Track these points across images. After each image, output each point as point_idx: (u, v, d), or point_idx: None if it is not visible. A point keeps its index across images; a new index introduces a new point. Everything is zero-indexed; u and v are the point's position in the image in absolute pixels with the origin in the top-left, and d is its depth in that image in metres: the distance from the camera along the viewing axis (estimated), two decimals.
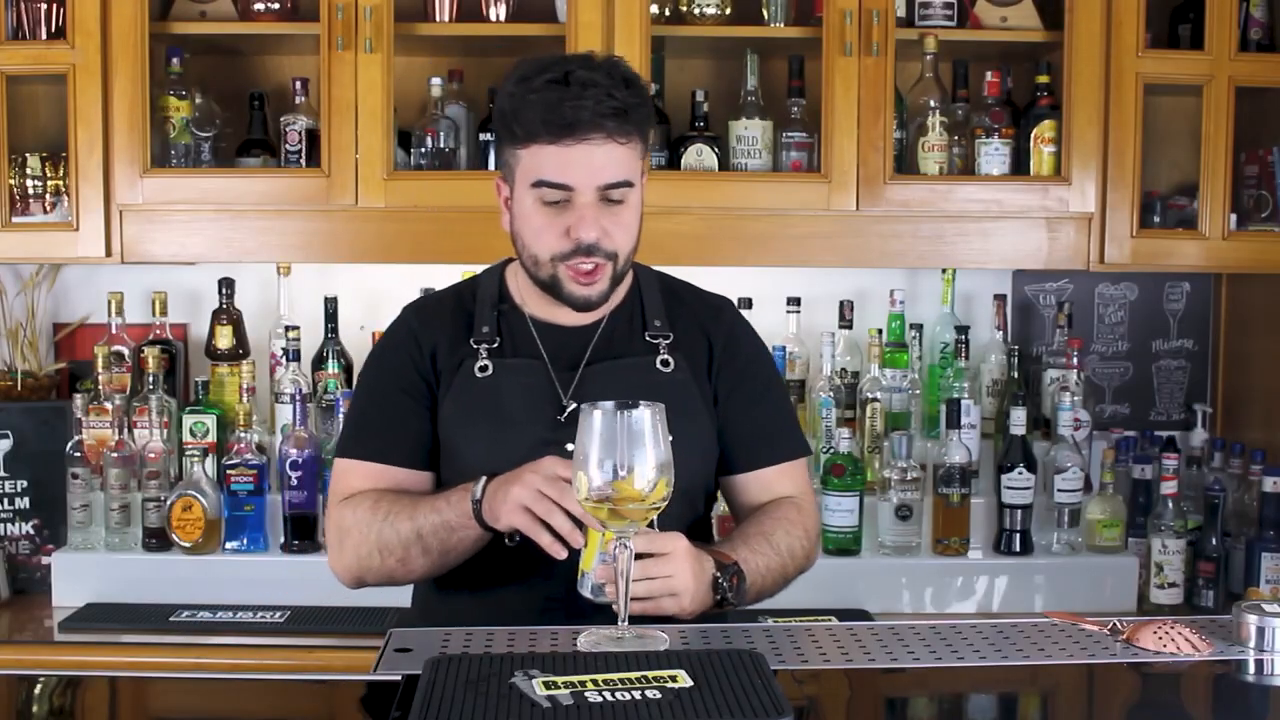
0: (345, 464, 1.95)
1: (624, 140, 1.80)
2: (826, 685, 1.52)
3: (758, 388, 1.98)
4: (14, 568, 2.89)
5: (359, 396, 2.00)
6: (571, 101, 1.75)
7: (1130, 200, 2.83)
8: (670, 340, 1.94)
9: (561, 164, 1.78)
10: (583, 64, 1.79)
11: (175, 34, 2.87)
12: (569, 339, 1.92)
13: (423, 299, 2.10)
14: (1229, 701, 1.56)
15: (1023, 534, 2.88)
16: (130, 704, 1.59)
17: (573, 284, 1.84)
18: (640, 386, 1.85)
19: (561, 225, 1.81)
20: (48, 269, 3.06)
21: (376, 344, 2.04)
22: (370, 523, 1.84)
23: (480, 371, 1.90)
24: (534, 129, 1.78)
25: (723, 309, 2.02)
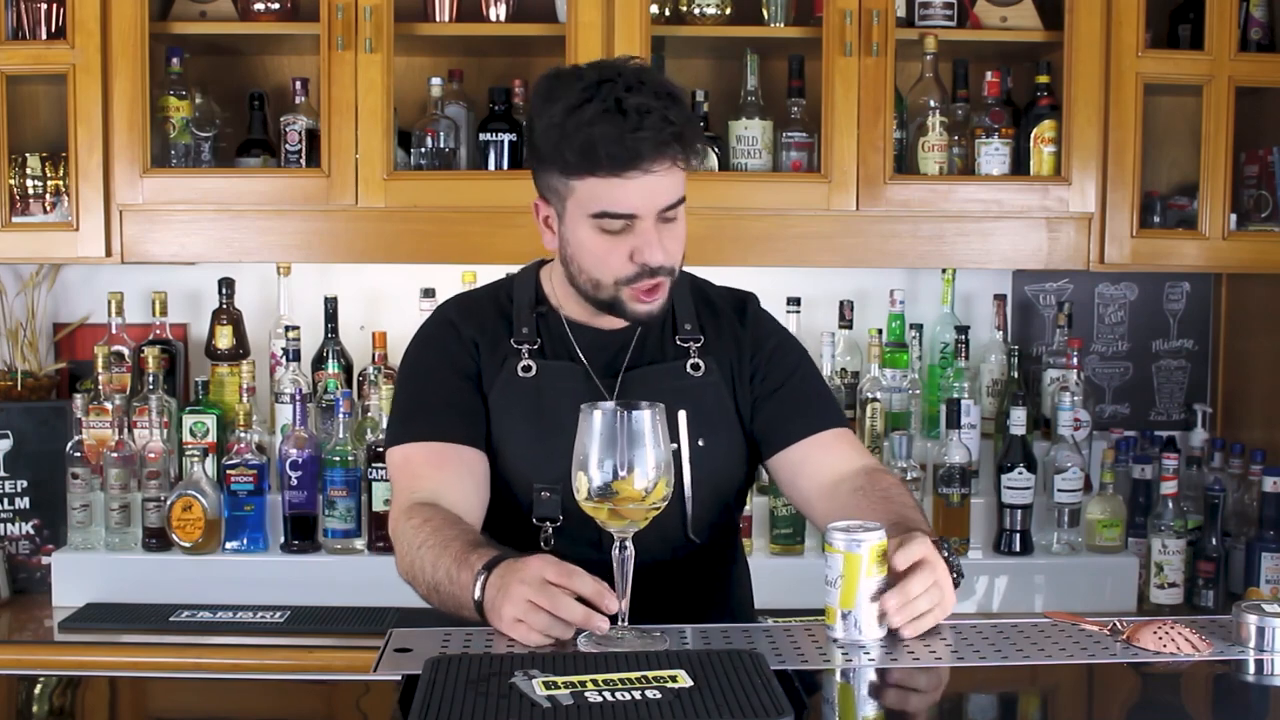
0: (402, 450, 1.90)
1: (684, 164, 1.78)
2: (826, 685, 1.52)
3: (787, 368, 1.97)
4: (14, 568, 2.89)
5: (406, 383, 1.96)
6: (632, 134, 1.72)
7: (1130, 200, 2.83)
8: (701, 343, 1.94)
9: (623, 194, 1.76)
10: (627, 85, 1.74)
11: (175, 34, 2.87)
12: (606, 343, 1.92)
13: (459, 296, 2.07)
14: (1229, 701, 1.56)
15: (1023, 534, 2.88)
16: (130, 704, 1.59)
17: (635, 303, 1.83)
18: (675, 391, 1.87)
19: (624, 250, 1.79)
20: (48, 269, 3.06)
21: (415, 339, 1.99)
22: (410, 546, 1.78)
23: (524, 371, 1.89)
24: (593, 162, 1.74)
25: (747, 305, 2.02)
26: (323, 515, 2.85)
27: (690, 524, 1.90)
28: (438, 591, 1.72)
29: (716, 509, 1.94)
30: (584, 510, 1.58)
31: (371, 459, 2.83)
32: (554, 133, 1.76)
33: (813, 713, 1.41)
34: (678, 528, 1.89)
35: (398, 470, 1.91)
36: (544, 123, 1.78)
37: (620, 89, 1.73)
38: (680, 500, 1.88)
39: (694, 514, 1.90)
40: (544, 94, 1.79)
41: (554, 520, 1.86)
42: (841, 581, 1.59)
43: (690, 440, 1.88)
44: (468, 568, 1.65)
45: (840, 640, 1.60)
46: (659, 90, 1.76)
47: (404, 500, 1.85)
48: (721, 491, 1.94)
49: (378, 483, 2.82)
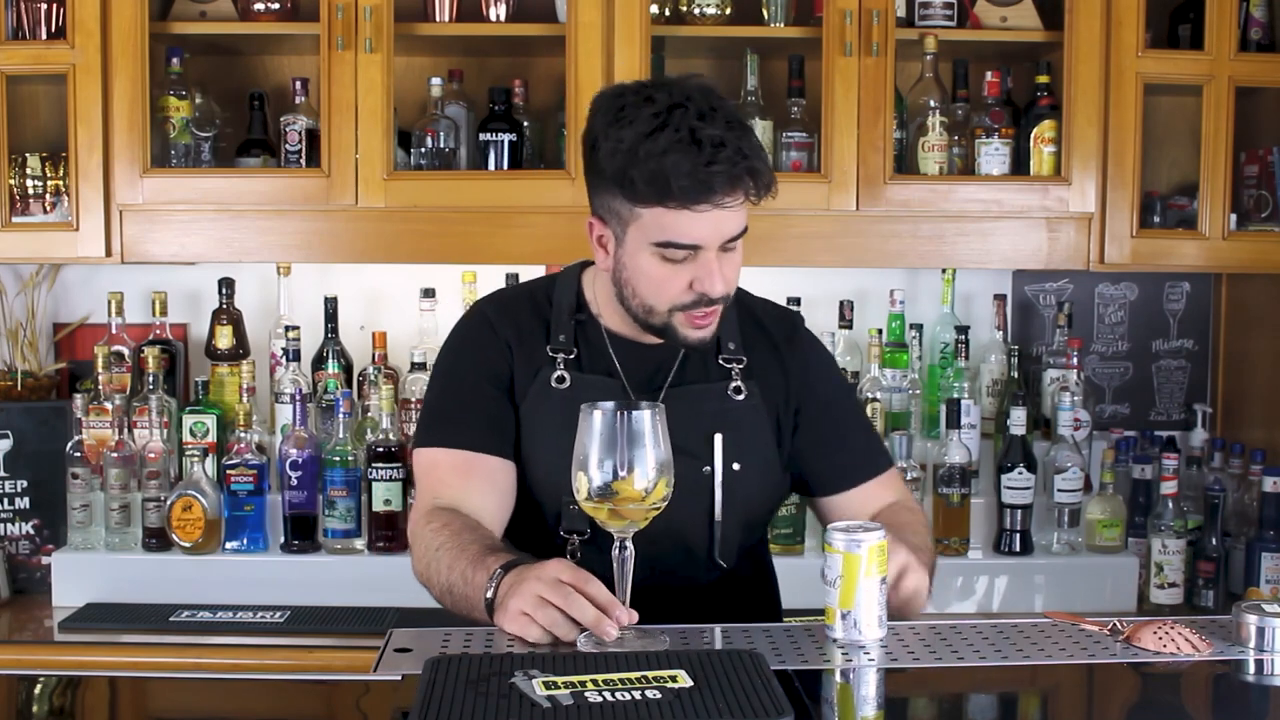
0: (430, 454, 1.89)
1: (756, 197, 1.74)
2: (826, 685, 1.52)
3: (836, 410, 1.95)
4: (14, 568, 2.89)
5: (439, 384, 1.94)
6: (706, 167, 1.68)
7: (1130, 200, 2.83)
8: (744, 365, 1.90)
9: (691, 226, 1.72)
10: (699, 113, 1.70)
11: (175, 34, 2.87)
12: (646, 358, 1.88)
13: (497, 294, 2.04)
14: (1229, 701, 1.56)
15: (1023, 534, 2.88)
16: (130, 704, 1.59)
17: (688, 329, 1.80)
18: (714, 414, 1.85)
19: (684, 279, 1.76)
20: (48, 269, 3.06)
21: (451, 334, 1.97)
22: (428, 549, 1.77)
23: (557, 383, 1.86)
24: (664, 193, 1.70)
25: (795, 329, 1.98)
26: (323, 515, 2.85)
27: (718, 548, 1.88)
28: (451, 593, 1.71)
29: (745, 532, 1.91)
30: (584, 510, 1.58)
31: (371, 459, 2.83)
32: (621, 158, 1.71)
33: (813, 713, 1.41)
34: (704, 551, 1.88)
35: (423, 473, 1.90)
36: (610, 145, 1.73)
37: (693, 117, 1.69)
38: (709, 524, 1.87)
39: (722, 538, 1.87)
40: (610, 116, 1.74)
41: (581, 533, 1.84)
42: (841, 581, 1.59)
43: (725, 464, 1.86)
44: (484, 569, 1.65)
45: (840, 640, 1.60)
46: (731, 119, 1.71)
47: (426, 504, 1.85)
48: (752, 516, 1.92)
49: (378, 483, 2.82)
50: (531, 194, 2.80)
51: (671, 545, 1.86)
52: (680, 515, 1.84)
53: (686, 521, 1.85)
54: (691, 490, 1.84)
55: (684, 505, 1.83)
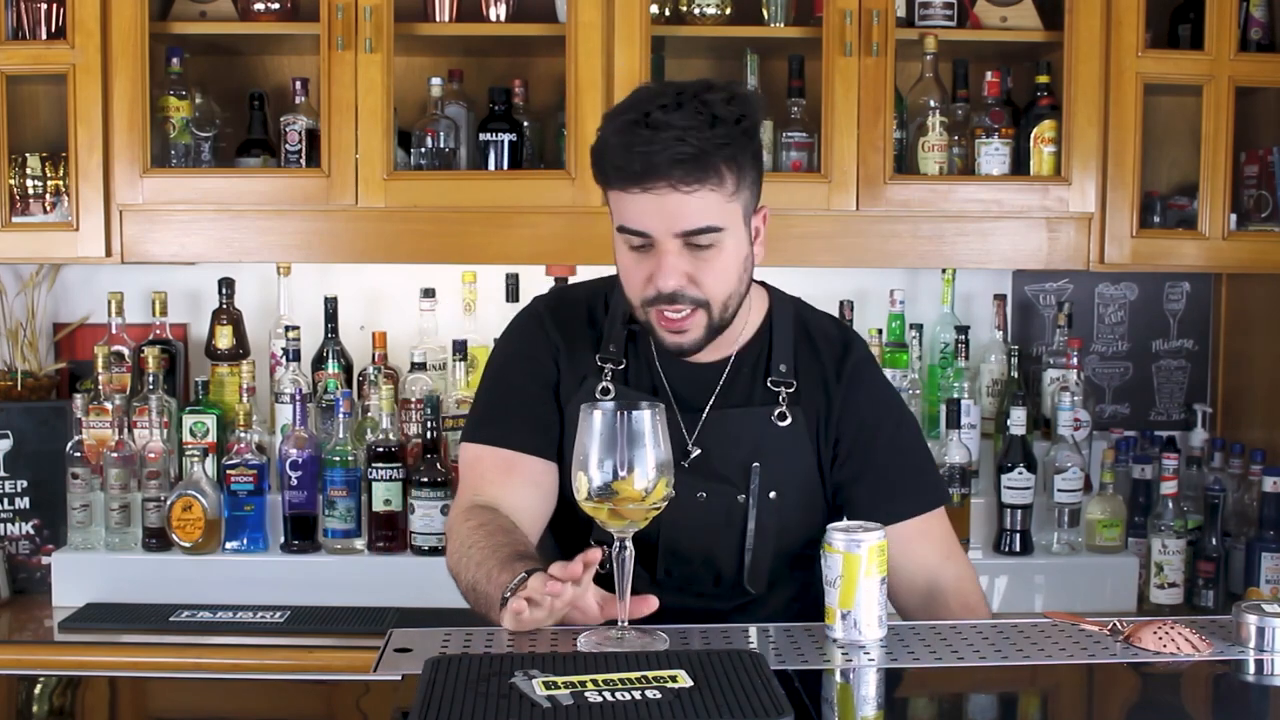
0: (474, 450, 1.89)
1: (690, 189, 1.68)
2: (826, 685, 1.52)
3: (879, 439, 1.88)
4: (14, 568, 2.89)
5: (489, 381, 1.94)
6: (641, 147, 1.66)
7: (1130, 200, 2.83)
8: (793, 389, 1.86)
9: (636, 211, 1.71)
10: (673, 103, 1.68)
11: (175, 34, 2.87)
12: (694, 375, 1.86)
13: (555, 294, 2.02)
14: (1229, 701, 1.56)
15: (1023, 534, 2.88)
16: (130, 704, 1.59)
17: (662, 331, 1.78)
18: (756, 439, 1.83)
19: (646, 270, 1.74)
20: (48, 269, 3.06)
21: (506, 330, 1.97)
22: (461, 545, 1.76)
23: (602, 394, 1.84)
24: (608, 173, 1.72)
25: (849, 352, 1.91)
26: (323, 515, 2.85)
27: (747, 575, 1.86)
28: (475, 590, 1.71)
29: (779, 561, 1.88)
30: (585, 510, 1.58)
31: (371, 459, 2.83)
32: (596, 139, 1.74)
33: (813, 713, 1.41)
34: (732, 577, 1.87)
35: (467, 468, 1.90)
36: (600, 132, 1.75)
37: (657, 105, 1.68)
38: (739, 551, 1.85)
39: (751, 565, 1.85)
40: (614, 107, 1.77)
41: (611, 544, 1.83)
42: (841, 582, 1.59)
43: (761, 492, 1.83)
44: (510, 571, 1.65)
45: (840, 640, 1.60)
46: (702, 110, 1.67)
47: (466, 500, 1.85)
48: (786, 545, 1.88)
49: (378, 483, 2.82)
50: (531, 194, 2.80)
51: (703, 568, 1.86)
52: (713, 540, 1.84)
53: (719, 547, 1.85)
54: (726, 517, 1.84)
55: (717, 531, 1.84)
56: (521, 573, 1.63)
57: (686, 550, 1.85)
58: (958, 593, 1.87)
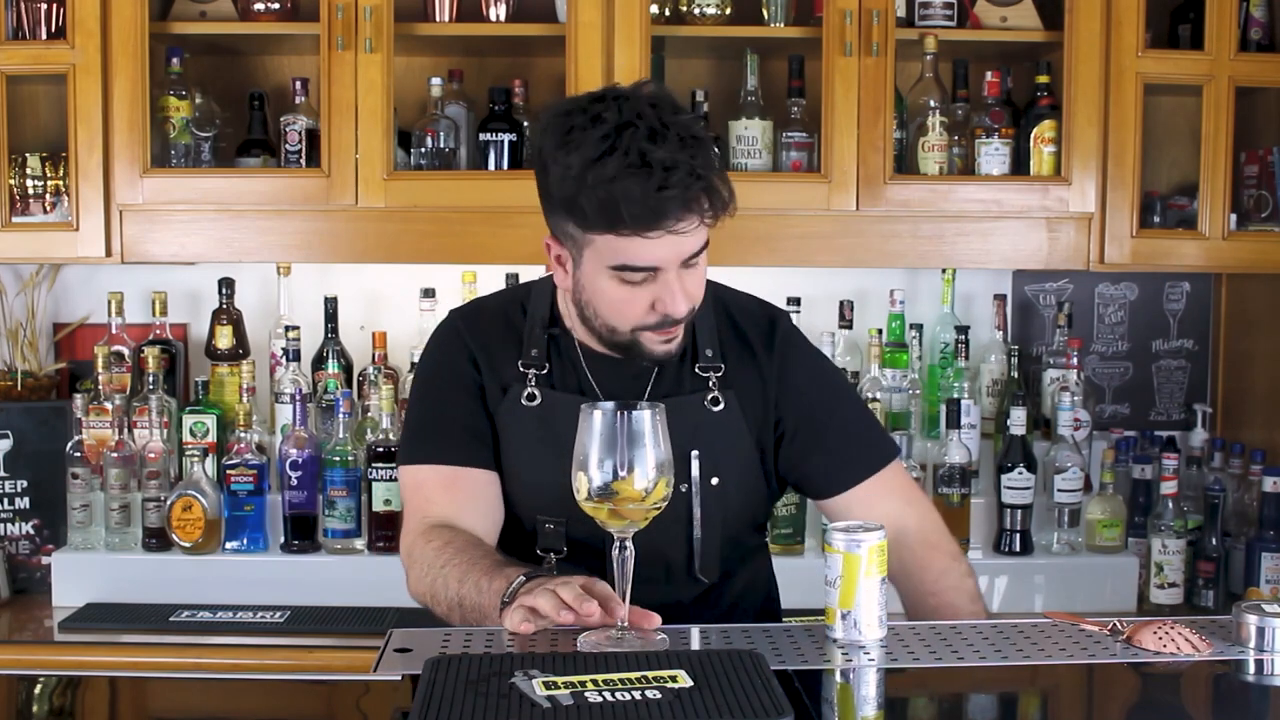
0: (415, 471, 1.87)
1: (713, 218, 1.68)
2: (826, 685, 1.52)
3: (822, 409, 1.88)
4: (14, 568, 2.89)
5: (417, 400, 1.92)
6: (657, 193, 1.61)
7: (1130, 200, 2.83)
8: (721, 373, 1.85)
9: (647, 250, 1.66)
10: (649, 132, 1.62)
11: (175, 34, 2.87)
12: (620, 373, 1.84)
13: (469, 306, 2.01)
14: (1229, 701, 1.56)
15: (1023, 534, 2.88)
16: (130, 704, 1.59)
17: (654, 345, 1.75)
18: (691, 428, 1.81)
19: (645, 299, 1.71)
20: (48, 269, 3.06)
21: (425, 348, 1.96)
22: (431, 566, 1.75)
23: (528, 400, 1.83)
24: (614, 221, 1.64)
25: (774, 330, 1.90)
26: (323, 515, 2.85)
27: (698, 563, 1.85)
28: (461, 606, 1.70)
29: (728, 547, 1.88)
30: (584, 510, 1.58)
31: (371, 459, 2.83)
32: (570, 184, 1.65)
33: (813, 713, 1.41)
34: (683, 568, 1.86)
35: (410, 491, 1.89)
36: (559, 170, 1.66)
37: (642, 137, 1.62)
38: (688, 541, 1.85)
39: (702, 554, 1.85)
40: (558, 137, 1.67)
41: (558, 552, 1.83)
42: (841, 582, 1.59)
43: (703, 480, 1.83)
44: (502, 578, 1.64)
45: (840, 640, 1.60)
46: (684, 135, 1.64)
47: (417, 523, 1.84)
48: (733, 530, 1.88)
49: (378, 483, 2.83)
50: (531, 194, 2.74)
51: (652, 562, 1.84)
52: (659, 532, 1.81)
53: (665, 538, 1.83)
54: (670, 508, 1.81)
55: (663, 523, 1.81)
56: (518, 576, 1.63)
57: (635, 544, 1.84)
58: (919, 531, 1.88)
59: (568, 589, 1.54)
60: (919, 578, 1.86)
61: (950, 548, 1.90)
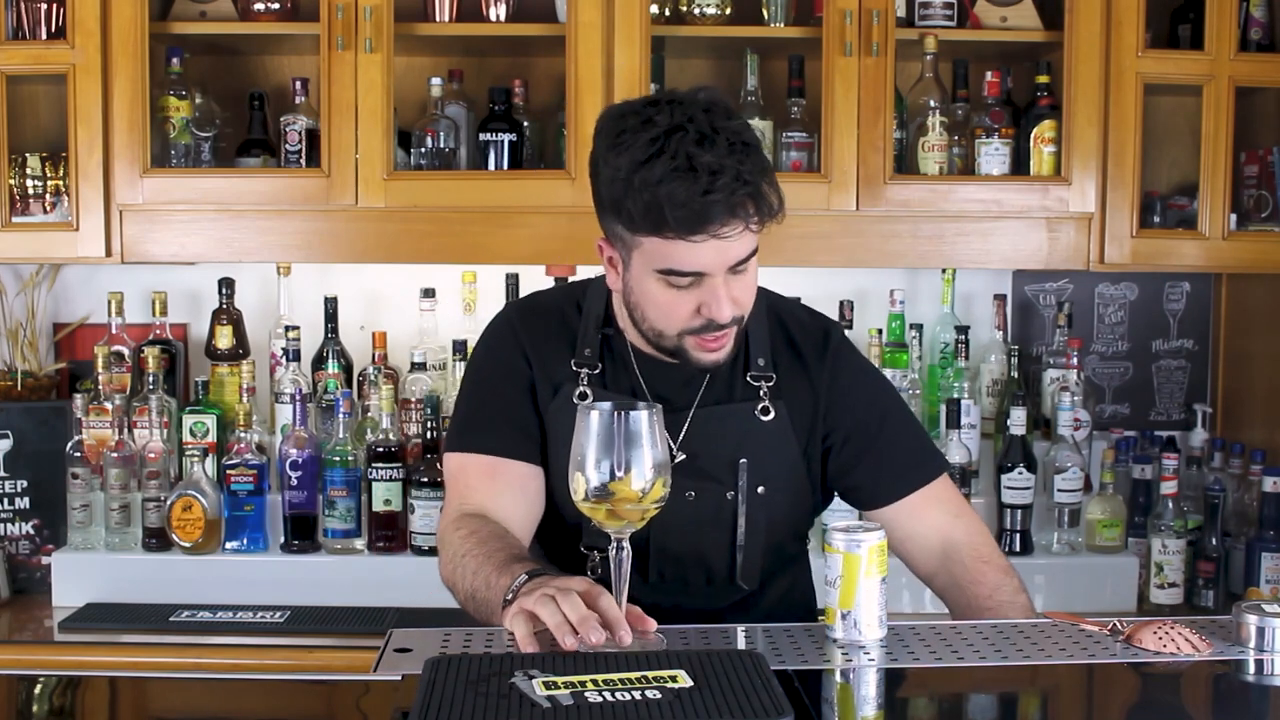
0: (458, 459, 1.88)
1: (758, 224, 1.68)
2: (826, 685, 1.52)
3: (873, 422, 1.89)
4: (14, 568, 2.89)
5: (468, 389, 1.93)
6: (702, 196, 1.61)
7: (1130, 200, 2.83)
8: (773, 383, 1.85)
9: (692, 255, 1.66)
10: (699, 136, 1.63)
11: (175, 34, 2.87)
12: (672, 376, 1.84)
13: (527, 300, 2.00)
14: (1229, 701, 1.56)
15: (1023, 534, 2.88)
16: (130, 704, 1.59)
17: (700, 352, 1.75)
18: (740, 435, 1.82)
19: (691, 303, 1.71)
20: (48, 269, 3.06)
21: (480, 339, 1.96)
22: (455, 554, 1.76)
23: (579, 399, 1.84)
24: (659, 224, 1.64)
25: (828, 342, 1.90)
26: (323, 515, 2.85)
27: (740, 572, 1.86)
28: (474, 598, 1.71)
29: (771, 555, 1.89)
30: (582, 510, 1.58)
31: (371, 459, 2.83)
32: (619, 186, 1.66)
33: (813, 713, 1.41)
34: (725, 575, 1.87)
35: (452, 478, 1.90)
36: (609, 172, 1.68)
37: (691, 141, 1.62)
38: (731, 548, 1.85)
39: (744, 562, 1.86)
40: (609, 140, 1.69)
41: (603, 550, 1.81)
42: (841, 581, 1.59)
43: (749, 489, 1.83)
44: (509, 574, 1.65)
45: (840, 640, 1.60)
46: (733, 140, 1.65)
47: (454, 509, 1.84)
48: (776, 539, 1.89)
49: (378, 483, 2.83)
50: (531, 194, 2.80)
51: (693, 567, 1.86)
52: (703, 538, 1.84)
53: (709, 545, 1.85)
54: (715, 515, 1.83)
55: (707, 529, 1.83)
56: (521, 574, 1.63)
57: (678, 550, 1.85)
58: (970, 545, 1.88)
59: (568, 601, 1.51)
60: (972, 592, 1.85)
61: (1001, 562, 1.89)
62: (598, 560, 1.85)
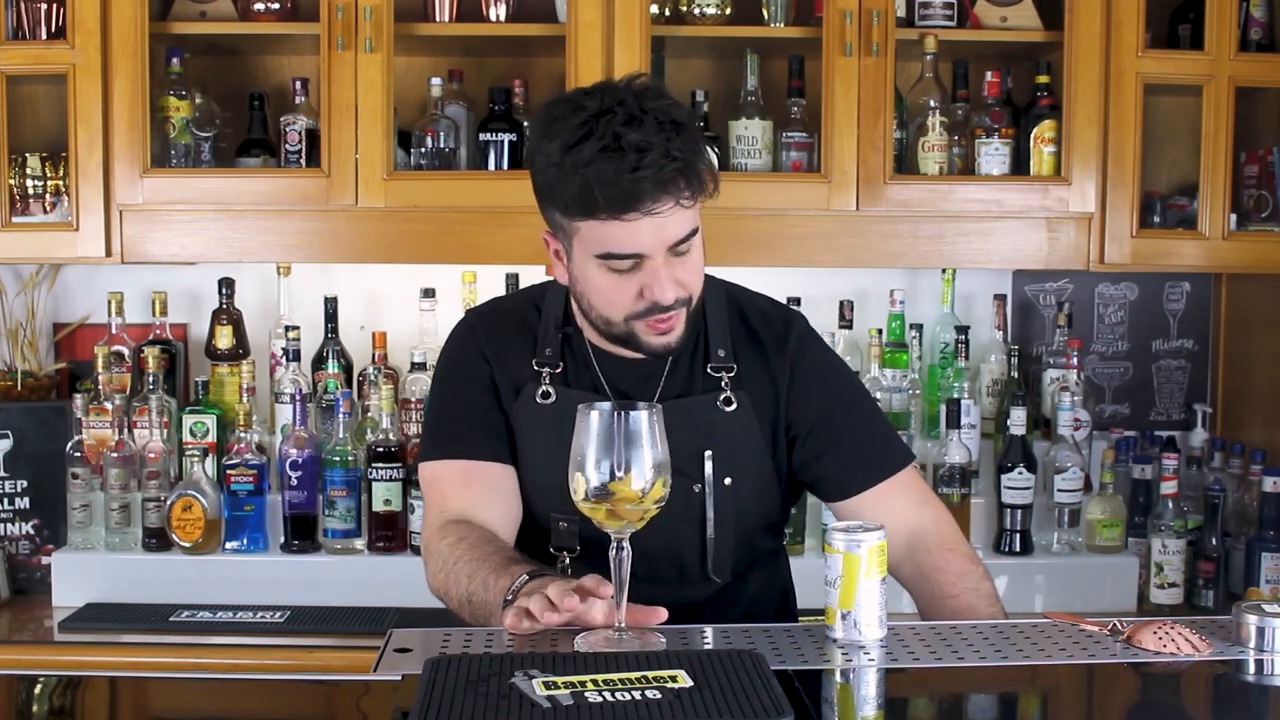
0: (432, 467, 1.88)
1: (688, 202, 1.67)
2: (826, 685, 1.52)
3: (837, 413, 1.88)
4: (14, 568, 2.89)
5: (435, 398, 1.94)
6: (630, 174, 1.62)
7: (1130, 200, 2.83)
8: (734, 373, 1.85)
9: (627, 235, 1.66)
10: (627, 117, 1.63)
11: (175, 34, 2.87)
12: (632, 371, 1.85)
13: (486, 306, 2.01)
14: (1229, 701, 1.56)
15: (1023, 534, 2.88)
16: (130, 704, 1.59)
17: (650, 336, 1.75)
18: (704, 427, 1.82)
19: (633, 287, 1.71)
20: (48, 269, 3.06)
21: (443, 348, 1.97)
22: (445, 562, 1.76)
23: (543, 398, 1.84)
24: (590, 206, 1.65)
25: (787, 333, 1.89)
26: (323, 515, 2.85)
27: (711, 563, 1.86)
28: (470, 602, 1.71)
29: (741, 547, 1.88)
30: (582, 510, 1.58)
31: (371, 459, 2.83)
32: (552, 172, 1.68)
33: (813, 713, 1.41)
34: (697, 568, 1.87)
35: (428, 487, 1.90)
36: (542, 159, 1.69)
37: (619, 122, 1.63)
38: (701, 540, 1.85)
39: (715, 554, 1.85)
40: (542, 127, 1.70)
41: (571, 551, 1.83)
42: (841, 582, 1.59)
43: (716, 480, 1.83)
44: (508, 575, 1.65)
45: (840, 640, 1.60)
46: (662, 119, 1.64)
47: (436, 519, 1.85)
48: (747, 530, 1.88)
49: (378, 483, 2.83)
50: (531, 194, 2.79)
51: (665, 561, 1.86)
52: (673, 532, 1.83)
53: (679, 538, 1.84)
54: (683, 507, 1.82)
55: (676, 522, 1.82)
56: (521, 575, 1.63)
57: (647, 544, 1.83)
58: (936, 533, 1.88)
59: (555, 588, 1.54)
60: (936, 580, 1.85)
61: (966, 550, 1.89)
62: (568, 561, 1.84)
